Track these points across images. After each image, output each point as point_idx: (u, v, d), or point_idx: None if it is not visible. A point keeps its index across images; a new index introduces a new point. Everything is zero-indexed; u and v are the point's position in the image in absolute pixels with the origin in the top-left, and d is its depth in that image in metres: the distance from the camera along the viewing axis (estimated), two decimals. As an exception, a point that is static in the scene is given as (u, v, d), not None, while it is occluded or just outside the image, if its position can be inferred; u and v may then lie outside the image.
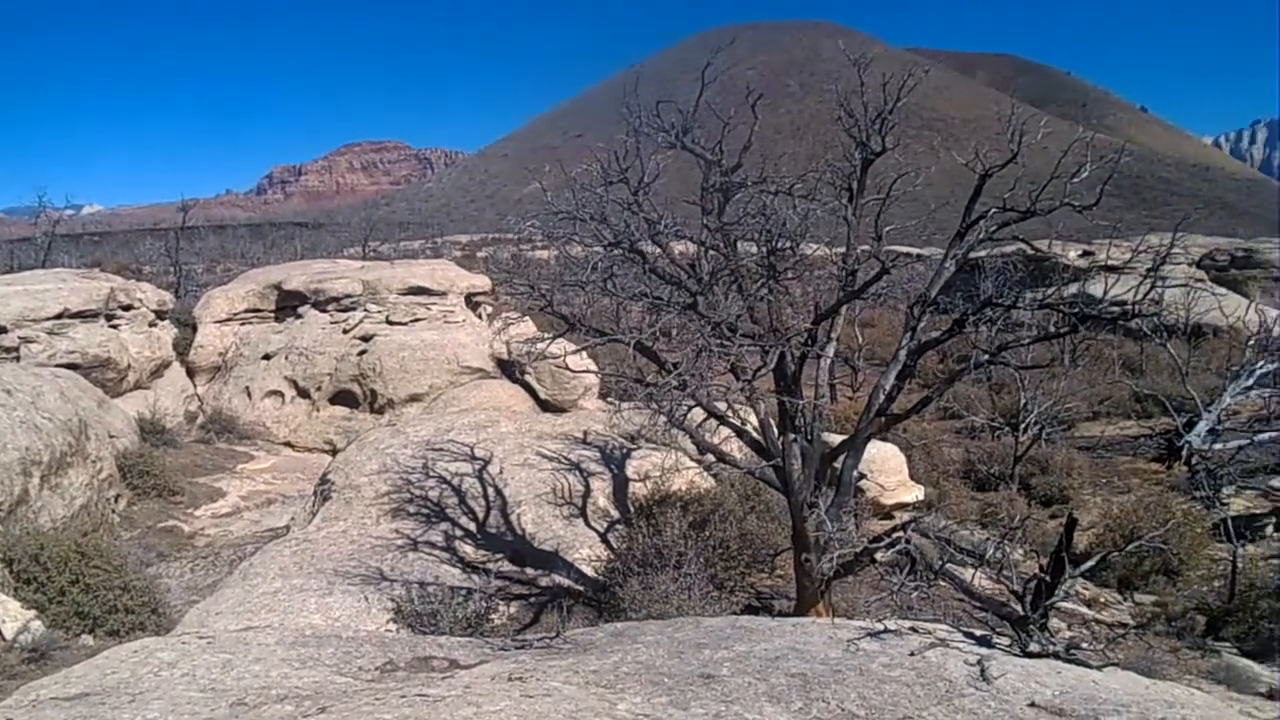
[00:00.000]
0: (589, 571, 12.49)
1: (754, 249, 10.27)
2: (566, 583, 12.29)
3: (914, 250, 28.80)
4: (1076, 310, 8.85)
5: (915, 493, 16.14)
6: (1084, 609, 13.03)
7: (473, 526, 13.49)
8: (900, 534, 7.98)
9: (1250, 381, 21.47)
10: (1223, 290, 38.66)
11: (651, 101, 11.22)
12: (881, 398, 9.11)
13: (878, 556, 8.52)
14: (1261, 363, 21.66)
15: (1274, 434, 19.56)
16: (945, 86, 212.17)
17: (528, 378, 25.05)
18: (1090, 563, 8.97)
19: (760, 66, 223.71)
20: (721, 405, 10.72)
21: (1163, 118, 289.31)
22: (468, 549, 12.91)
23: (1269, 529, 16.19)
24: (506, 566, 12.54)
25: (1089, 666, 7.29)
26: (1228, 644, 12.47)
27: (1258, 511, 16.73)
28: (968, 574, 8.26)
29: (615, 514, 13.97)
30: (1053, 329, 10.25)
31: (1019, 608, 7.73)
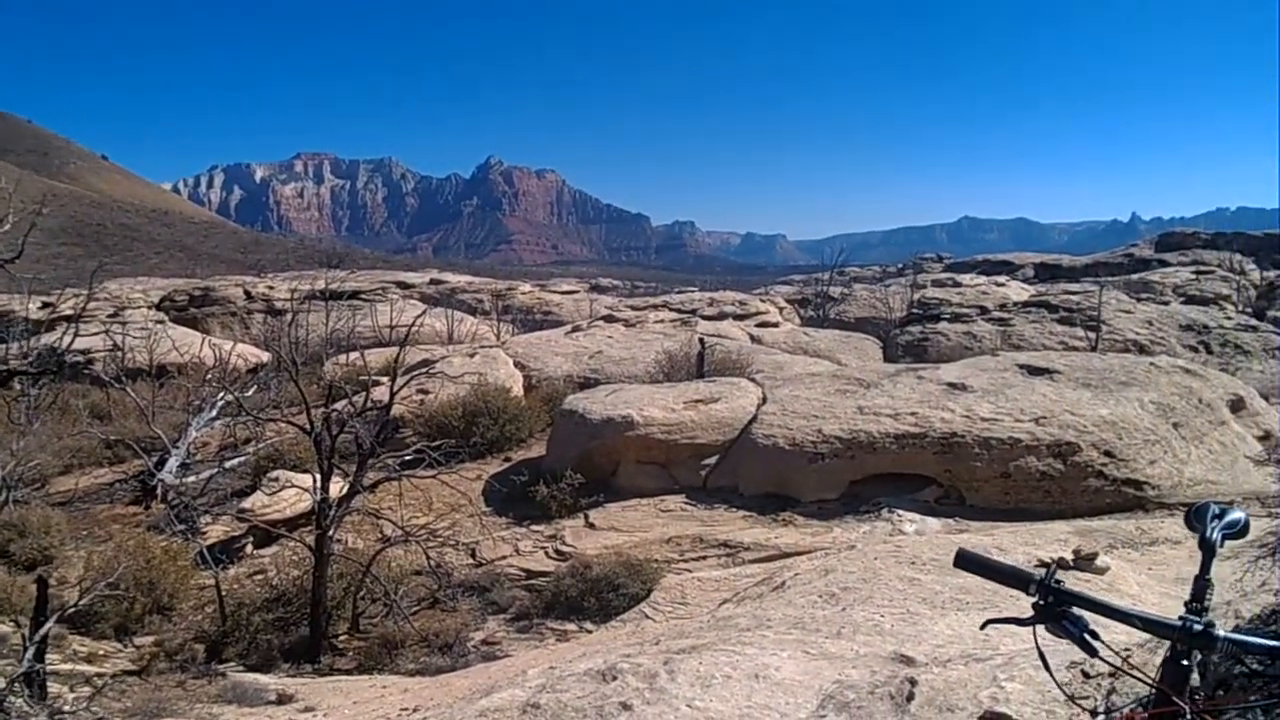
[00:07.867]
0: None
1: None
2: None
3: None
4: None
5: None
6: (85, 666, 12.22)
7: None
8: None
9: (214, 413, 22.66)
10: (184, 329, 39.60)
11: None
12: None
13: None
14: (221, 394, 22.76)
15: (241, 459, 21.02)
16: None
17: None
18: (48, 624, 8.50)
19: None
20: None
21: (124, 166, 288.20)
22: None
23: (248, 548, 17.24)
24: None
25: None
26: (232, 663, 12.97)
27: (236, 534, 17.57)
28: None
29: None
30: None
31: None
